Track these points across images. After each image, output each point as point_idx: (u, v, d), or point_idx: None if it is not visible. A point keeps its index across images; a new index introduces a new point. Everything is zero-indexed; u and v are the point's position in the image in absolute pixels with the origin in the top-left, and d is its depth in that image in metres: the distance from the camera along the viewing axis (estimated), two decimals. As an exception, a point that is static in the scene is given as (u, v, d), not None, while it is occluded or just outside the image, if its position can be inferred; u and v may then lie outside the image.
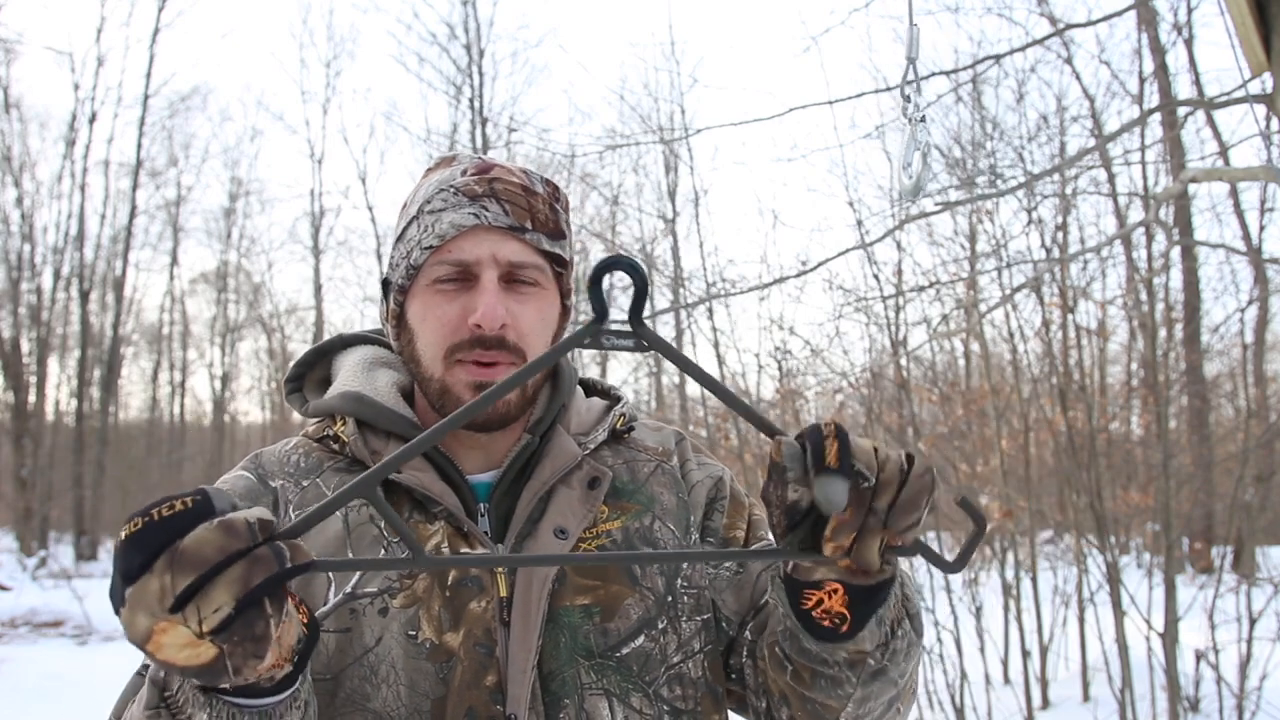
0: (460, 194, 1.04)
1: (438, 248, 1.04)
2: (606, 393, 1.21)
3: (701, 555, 1.02)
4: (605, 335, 0.76)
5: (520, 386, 1.05)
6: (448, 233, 1.03)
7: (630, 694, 0.99)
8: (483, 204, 1.04)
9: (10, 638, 9.96)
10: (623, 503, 1.08)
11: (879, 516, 0.77)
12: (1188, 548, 8.96)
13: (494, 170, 1.06)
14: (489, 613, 0.98)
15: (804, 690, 0.93)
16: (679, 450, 1.17)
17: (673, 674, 1.02)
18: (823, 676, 0.91)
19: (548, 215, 1.07)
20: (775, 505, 0.79)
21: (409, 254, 1.06)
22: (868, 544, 0.78)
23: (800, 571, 0.86)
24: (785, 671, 0.94)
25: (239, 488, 1.06)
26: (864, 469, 0.77)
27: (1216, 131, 8.36)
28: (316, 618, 0.93)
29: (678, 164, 13.12)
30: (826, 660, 0.89)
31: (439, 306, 1.04)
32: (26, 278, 19.66)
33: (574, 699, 0.97)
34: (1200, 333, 8.84)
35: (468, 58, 17.18)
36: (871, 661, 0.90)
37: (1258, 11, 2.85)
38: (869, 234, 5.68)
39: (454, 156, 1.12)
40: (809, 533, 0.80)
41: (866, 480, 0.77)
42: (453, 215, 1.03)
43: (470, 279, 1.04)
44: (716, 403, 8.58)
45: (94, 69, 20.15)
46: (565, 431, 1.10)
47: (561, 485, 1.06)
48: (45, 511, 18.25)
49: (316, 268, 21.49)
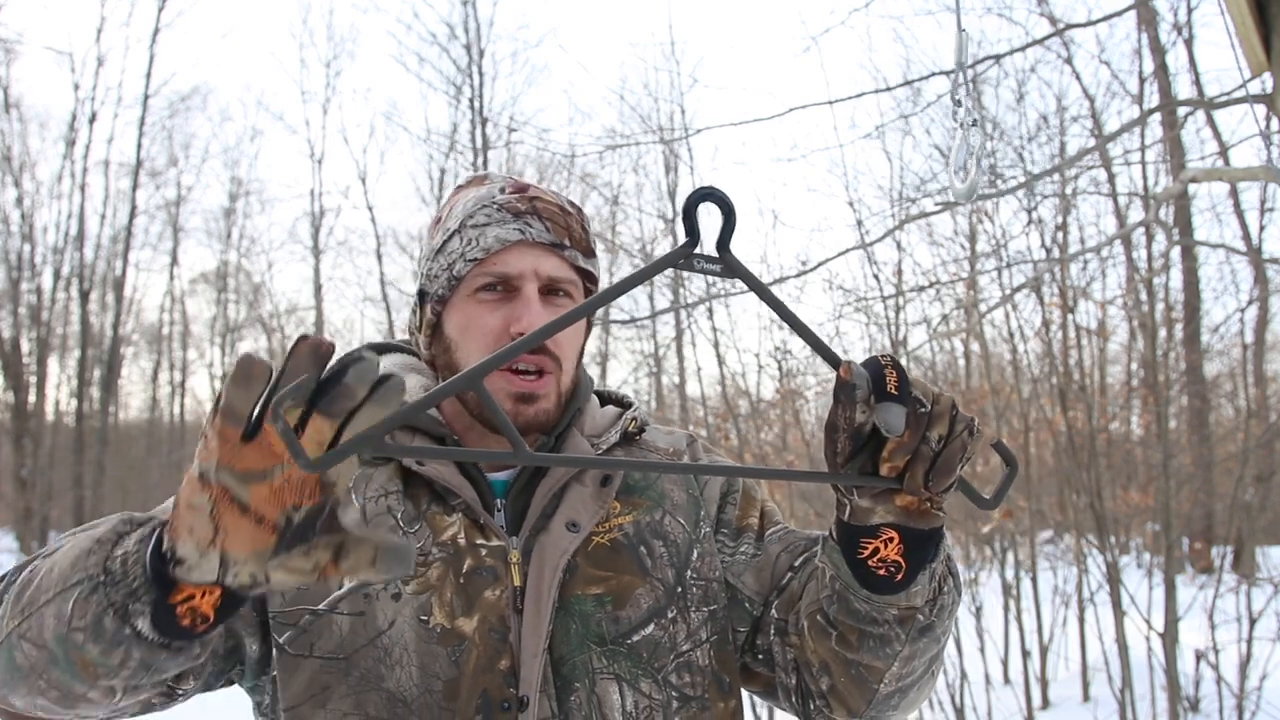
0: (504, 210, 1.10)
1: (482, 260, 1.09)
2: (620, 401, 1.27)
3: (761, 472, 1.07)
4: (696, 259, 0.83)
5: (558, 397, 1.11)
6: (493, 246, 1.08)
7: (640, 679, 1.04)
8: (526, 221, 1.10)
9: (10, 638, 9.95)
10: (634, 499, 1.13)
11: (931, 445, 0.84)
12: (1188, 548, 8.97)
13: (531, 190, 1.13)
14: (503, 600, 1.02)
15: (849, 654, 0.98)
16: (690, 450, 1.23)
17: (681, 661, 1.06)
18: (871, 636, 0.96)
19: (581, 234, 1.14)
20: (843, 429, 0.85)
21: (451, 265, 1.11)
22: (919, 468, 0.85)
23: (858, 515, 0.92)
24: (830, 637, 0.99)
25: None
26: (921, 396, 0.84)
27: (1216, 131, 8.38)
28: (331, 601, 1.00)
29: (678, 164, 13.12)
30: (876, 619, 0.95)
31: (481, 317, 1.09)
32: (26, 278, 19.67)
33: (585, 683, 1.01)
34: (1200, 333, 8.84)
35: (468, 58, 17.18)
36: (921, 617, 0.95)
37: (1258, 11, 2.85)
38: (869, 234, 5.68)
39: (486, 176, 1.18)
40: (868, 461, 0.87)
41: (923, 406, 0.84)
42: (498, 230, 1.09)
43: (511, 291, 1.09)
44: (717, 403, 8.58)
45: (94, 69, 20.15)
46: (579, 434, 1.16)
47: (575, 483, 1.11)
48: (45, 511, 18.25)
49: (316, 268, 21.47)
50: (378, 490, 1.07)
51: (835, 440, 0.86)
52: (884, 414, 0.83)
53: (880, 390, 0.83)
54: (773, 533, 1.17)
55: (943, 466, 0.85)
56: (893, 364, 0.83)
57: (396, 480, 1.07)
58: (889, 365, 0.83)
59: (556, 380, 1.11)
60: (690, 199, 0.82)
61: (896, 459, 0.85)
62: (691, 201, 0.82)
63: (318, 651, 1.00)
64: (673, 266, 0.83)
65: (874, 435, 0.86)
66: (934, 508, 0.90)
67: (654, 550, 1.10)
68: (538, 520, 1.07)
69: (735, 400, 7.01)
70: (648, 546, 1.10)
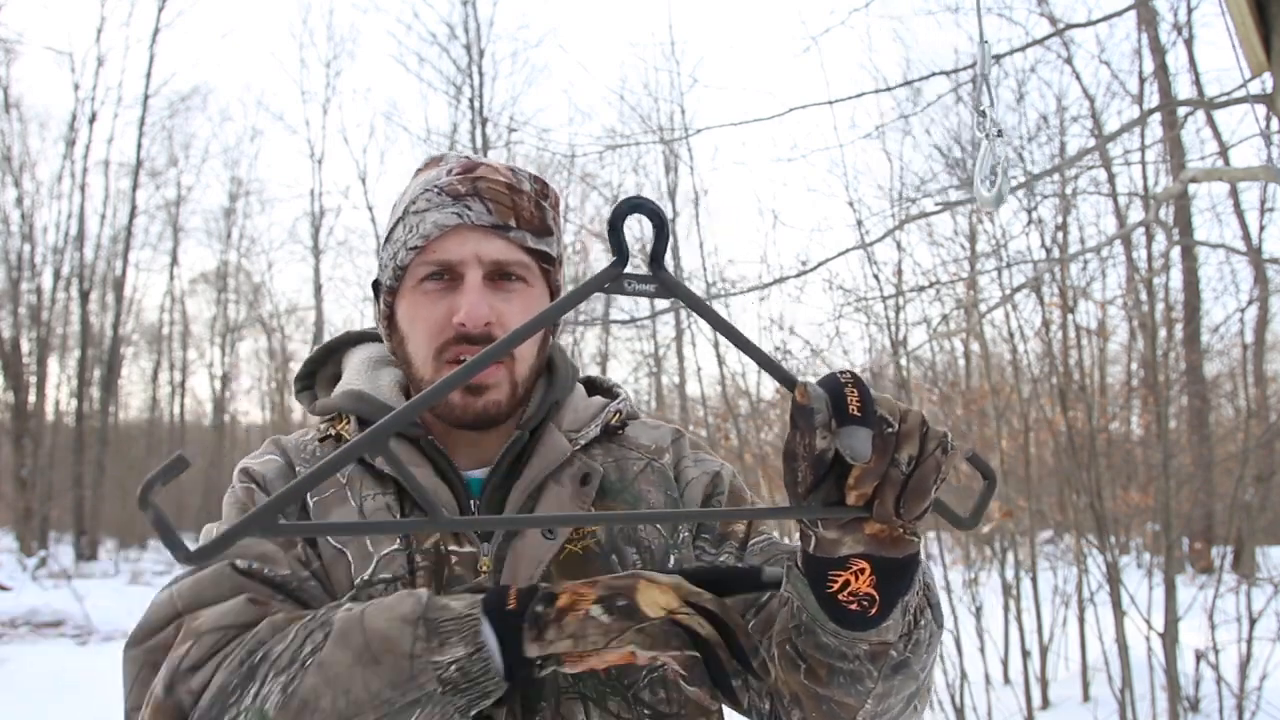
0: (444, 193, 1.04)
1: (422, 248, 1.04)
2: (609, 390, 1.20)
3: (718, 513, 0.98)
4: (626, 280, 0.75)
5: (511, 386, 1.06)
6: (431, 233, 1.03)
7: (608, 698, 0.98)
8: (466, 203, 1.04)
9: (10, 638, 9.95)
10: (608, 502, 1.07)
11: (900, 467, 0.76)
12: (1188, 548, 8.96)
13: (479, 169, 1.06)
14: None
15: (819, 688, 0.89)
16: (675, 448, 1.15)
17: (654, 677, 1.00)
18: (841, 672, 0.87)
19: (533, 213, 1.06)
20: (803, 457, 0.76)
21: (395, 255, 1.06)
22: (888, 494, 0.77)
23: (824, 547, 0.82)
24: (798, 670, 0.90)
25: (271, 470, 1.07)
26: (887, 415, 0.76)
27: (1216, 131, 8.37)
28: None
29: (678, 164, 13.13)
30: (845, 654, 0.85)
31: (425, 307, 1.04)
32: (26, 278, 19.65)
33: (550, 702, 0.96)
34: (1200, 333, 8.84)
35: (468, 58, 17.16)
36: (894, 653, 0.86)
37: (1258, 11, 2.85)
38: (869, 234, 5.67)
39: (442, 157, 1.12)
40: (832, 488, 0.78)
41: (890, 426, 0.76)
42: (436, 215, 1.04)
43: (456, 278, 1.04)
44: (716, 403, 8.58)
45: (94, 69, 20.15)
46: (557, 428, 1.10)
47: (552, 482, 1.06)
48: (45, 511, 18.24)
49: (316, 268, 21.48)
50: (373, 490, 1.04)
51: (795, 469, 0.78)
52: (847, 439, 0.74)
53: (841, 412, 0.75)
54: (756, 543, 1.09)
55: (914, 490, 0.77)
56: (854, 382, 0.75)
57: (390, 482, 1.04)
58: (849, 384, 0.75)
59: (509, 370, 1.05)
60: (616, 211, 0.73)
61: (864, 485, 0.76)
62: (617, 214, 0.73)
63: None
64: (599, 290, 0.74)
65: (838, 460, 0.76)
66: (907, 534, 0.80)
67: (626, 559, 1.04)
68: None
69: (735, 400, 7.01)
70: (619, 554, 1.04)
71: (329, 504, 1.03)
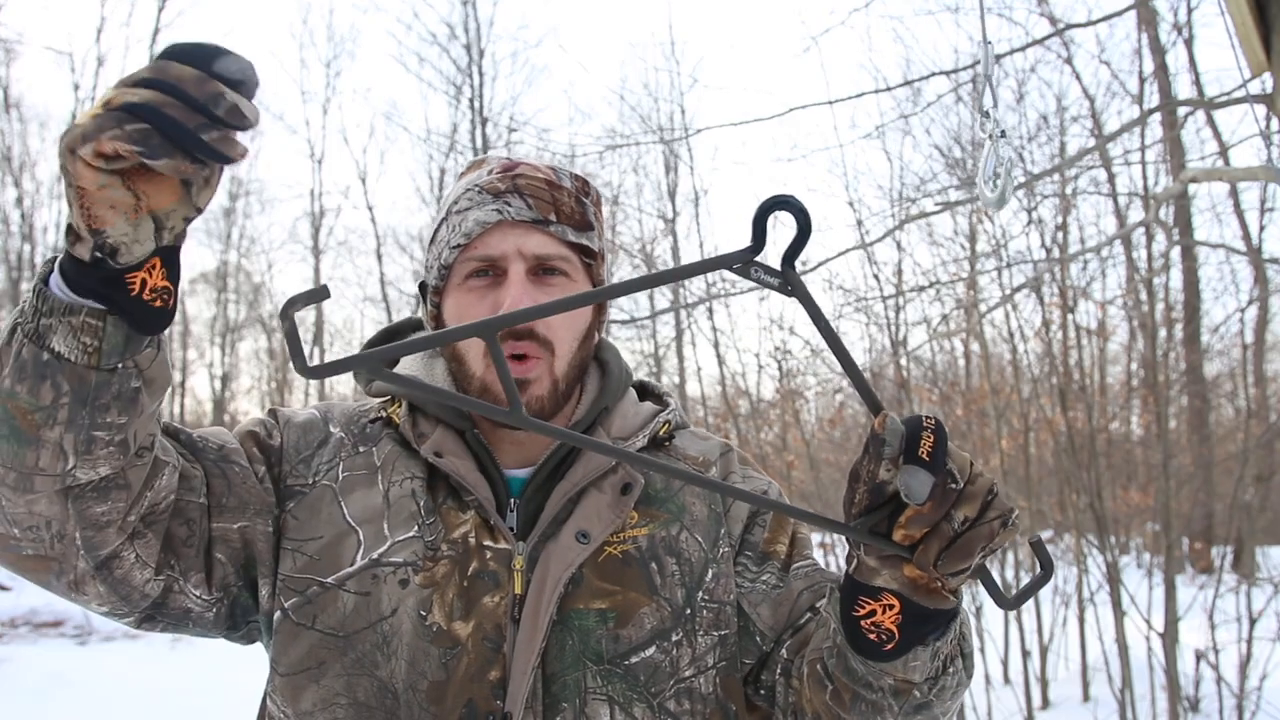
0: (485, 192, 1.07)
1: (465, 246, 1.07)
2: (660, 398, 1.21)
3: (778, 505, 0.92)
4: (755, 267, 0.77)
5: (552, 381, 1.06)
6: (473, 230, 1.06)
7: (634, 703, 0.98)
8: (506, 200, 1.06)
9: (10, 638, 9.95)
10: (653, 510, 1.08)
11: (954, 524, 0.77)
12: (1188, 548, 8.97)
13: (519, 168, 1.09)
14: (501, 608, 0.99)
15: (841, 712, 0.92)
16: (723, 462, 1.16)
17: (682, 687, 1.01)
18: (864, 700, 0.89)
19: (573, 208, 1.09)
20: (864, 481, 0.78)
21: (440, 254, 1.09)
22: (933, 544, 0.77)
23: (863, 573, 0.84)
24: (825, 690, 0.92)
25: (300, 417, 1.12)
26: (955, 471, 0.77)
27: (1216, 131, 8.38)
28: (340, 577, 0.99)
29: (678, 164, 13.12)
30: (871, 684, 0.88)
31: (471, 304, 1.07)
32: (26, 278, 19.66)
33: (574, 703, 0.97)
34: (1200, 333, 8.85)
35: (468, 58, 17.16)
36: (918, 694, 0.88)
37: (1258, 11, 2.85)
38: (869, 234, 5.68)
39: (484, 159, 1.14)
40: (883, 521, 0.79)
41: (955, 482, 0.76)
42: (478, 213, 1.06)
43: (499, 274, 1.06)
44: (717, 403, 8.58)
45: (94, 69, 20.12)
46: (605, 435, 1.11)
47: (593, 488, 1.06)
48: (45, 511, 18.22)
49: (316, 268, 21.46)
50: (403, 475, 1.05)
51: (854, 490, 0.79)
52: (908, 478, 0.75)
53: (912, 452, 0.75)
54: (799, 567, 1.09)
55: (959, 549, 0.77)
56: (935, 429, 0.76)
57: (422, 469, 1.06)
58: (930, 429, 0.76)
59: (549, 365, 1.06)
60: (764, 204, 0.75)
61: (912, 528, 0.77)
62: (765, 207, 0.75)
63: (319, 625, 0.99)
64: (728, 268, 0.77)
65: (897, 496, 0.78)
66: (944, 589, 0.81)
67: (665, 568, 1.04)
68: (549, 526, 1.03)
69: (735, 400, 7.02)
70: (659, 563, 1.04)
71: (355, 482, 1.06)
